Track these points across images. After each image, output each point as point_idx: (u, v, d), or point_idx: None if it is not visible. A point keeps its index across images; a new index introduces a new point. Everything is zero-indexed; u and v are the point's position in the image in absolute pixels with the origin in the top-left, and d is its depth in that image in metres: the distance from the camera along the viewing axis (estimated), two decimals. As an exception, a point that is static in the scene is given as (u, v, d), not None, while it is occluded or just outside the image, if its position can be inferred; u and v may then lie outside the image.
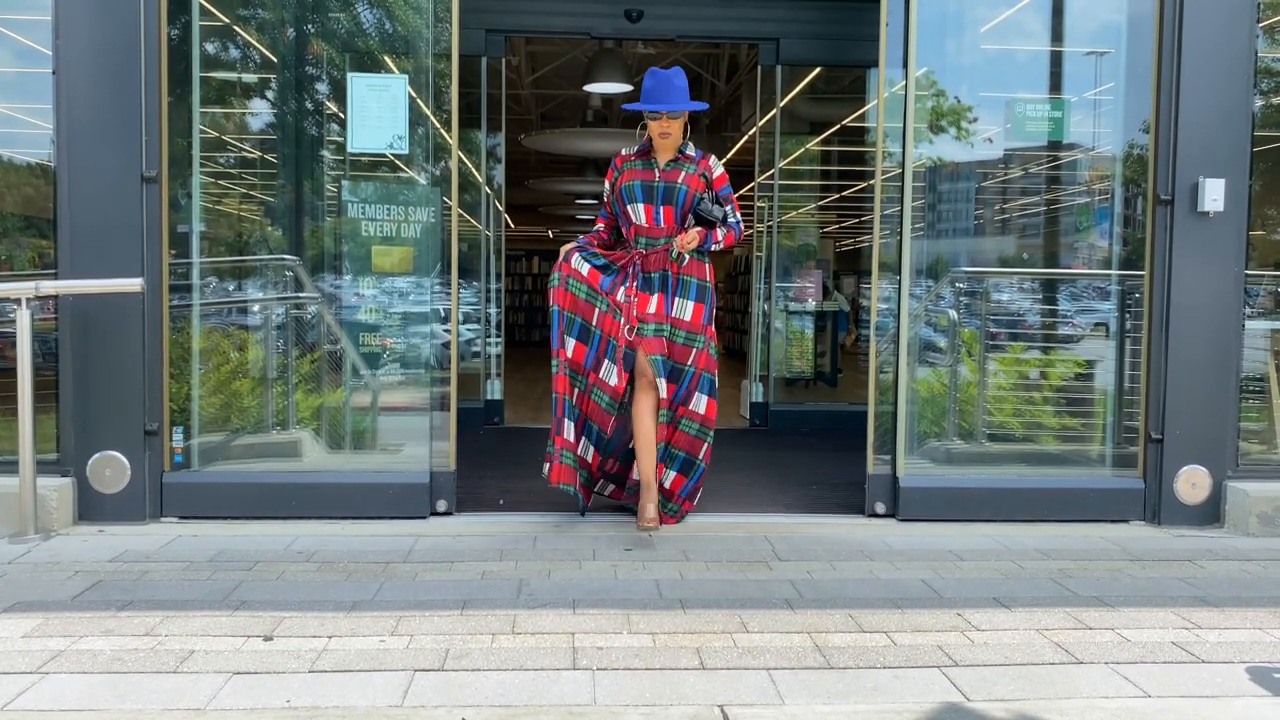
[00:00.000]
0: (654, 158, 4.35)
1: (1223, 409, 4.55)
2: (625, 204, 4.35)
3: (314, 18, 4.99)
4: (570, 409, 4.37)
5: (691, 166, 4.33)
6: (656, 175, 4.32)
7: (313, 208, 5.09)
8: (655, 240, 4.33)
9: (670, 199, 4.29)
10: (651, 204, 4.30)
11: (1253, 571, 3.88)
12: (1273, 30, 4.68)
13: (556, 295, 4.42)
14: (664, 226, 4.31)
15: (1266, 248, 5.09)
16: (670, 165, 4.33)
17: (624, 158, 4.43)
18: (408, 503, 4.45)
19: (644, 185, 4.31)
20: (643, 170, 4.35)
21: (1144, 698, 2.67)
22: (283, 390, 4.92)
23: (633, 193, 4.32)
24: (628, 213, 4.35)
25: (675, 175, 4.31)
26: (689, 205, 4.29)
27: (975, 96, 5.07)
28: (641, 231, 4.34)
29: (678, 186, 4.29)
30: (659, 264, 4.33)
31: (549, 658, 2.86)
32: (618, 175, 4.41)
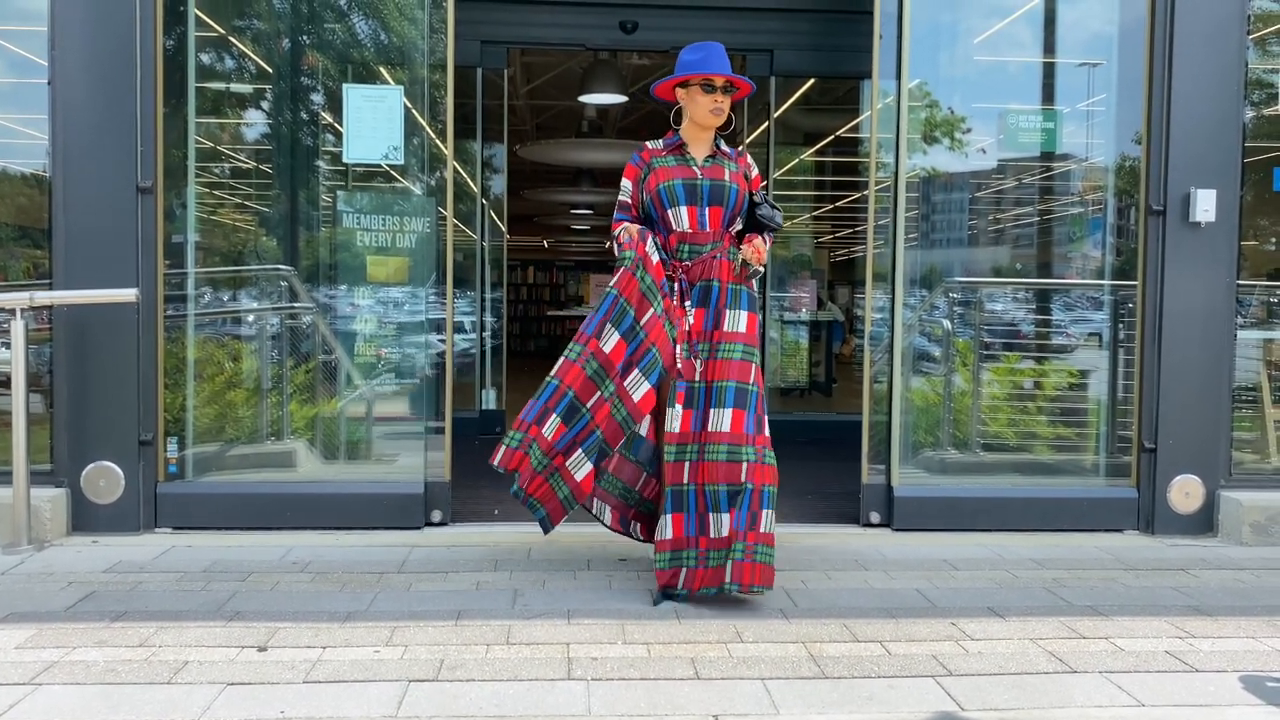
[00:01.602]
0: (688, 153, 3.72)
1: (1215, 418, 4.57)
2: (664, 207, 3.65)
3: (310, 29, 5.01)
4: (570, 408, 3.56)
5: (732, 164, 3.72)
6: (698, 173, 3.67)
7: (308, 218, 5.09)
8: (700, 248, 3.65)
9: (718, 199, 3.64)
10: (696, 205, 3.63)
11: (1246, 581, 3.89)
12: (1263, 42, 4.71)
13: (623, 279, 3.63)
14: (709, 231, 3.65)
15: (1258, 258, 5.12)
16: (709, 161, 3.70)
17: (652, 152, 3.77)
18: (402, 513, 4.45)
19: (686, 184, 3.65)
20: (680, 167, 3.69)
21: (1137, 707, 2.68)
22: (277, 400, 4.92)
23: (674, 194, 3.64)
24: (667, 217, 3.66)
25: (719, 172, 3.67)
26: (740, 207, 3.68)
27: (968, 107, 5.09)
28: (685, 238, 3.66)
29: (726, 185, 3.65)
30: (703, 273, 3.66)
31: (544, 668, 2.86)
32: (647, 173, 3.74)
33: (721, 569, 3.44)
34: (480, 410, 7.61)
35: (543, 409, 3.57)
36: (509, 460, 3.56)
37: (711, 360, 3.60)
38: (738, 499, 3.49)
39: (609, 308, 3.60)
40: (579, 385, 3.56)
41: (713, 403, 3.56)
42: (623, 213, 3.78)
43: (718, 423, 3.54)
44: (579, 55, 9.25)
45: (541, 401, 3.57)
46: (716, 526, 3.50)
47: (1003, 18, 5.04)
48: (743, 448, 3.51)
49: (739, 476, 3.50)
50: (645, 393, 3.59)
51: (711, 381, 3.59)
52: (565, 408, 3.55)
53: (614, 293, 3.60)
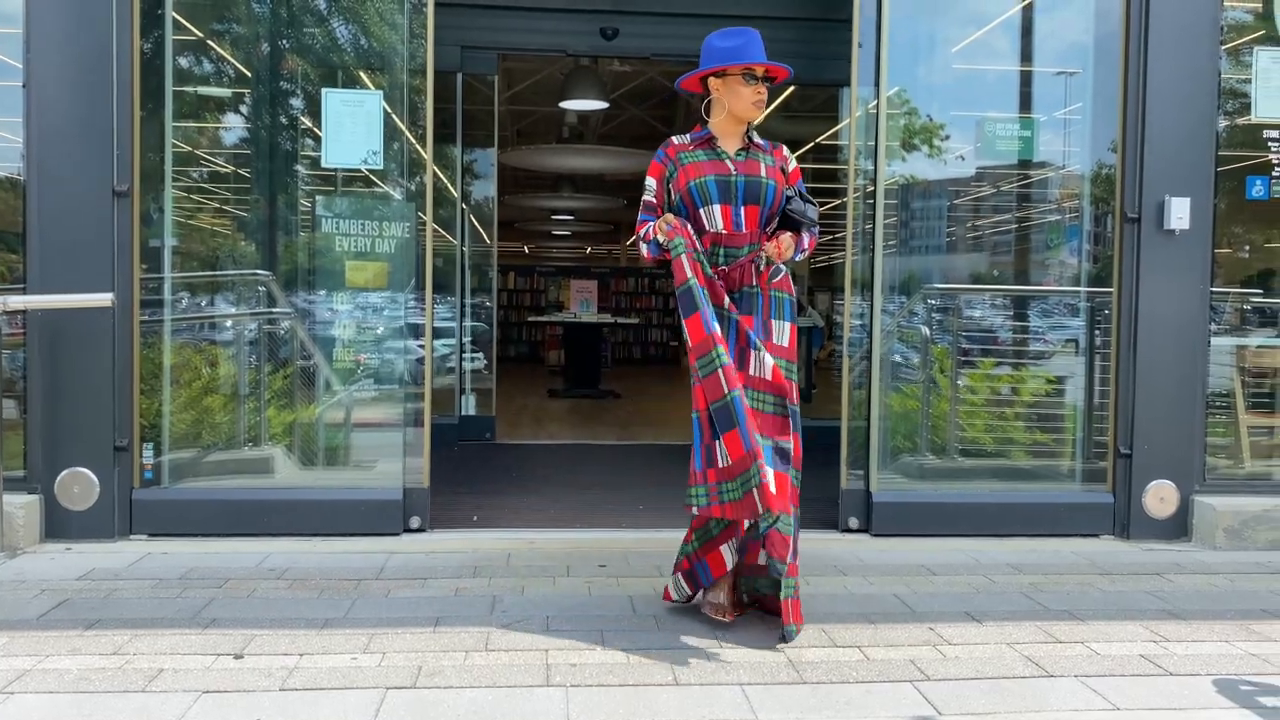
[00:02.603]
0: (719, 146, 3.39)
1: (1189, 424, 4.61)
2: (696, 206, 3.33)
3: (289, 33, 4.99)
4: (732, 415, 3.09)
5: (768, 157, 3.40)
6: (731, 168, 3.34)
7: (287, 222, 5.07)
8: (737, 250, 3.33)
9: (754, 197, 3.32)
10: (730, 204, 3.31)
11: (1219, 585, 3.92)
12: (1235, 52, 4.76)
13: (691, 267, 3.23)
14: (746, 232, 3.33)
15: (1232, 265, 5.17)
16: (742, 155, 3.38)
17: (679, 147, 3.44)
18: (381, 519, 4.43)
19: (719, 181, 3.32)
20: (711, 162, 3.35)
21: (1112, 710, 2.70)
22: (255, 406, 4.89)
23: (706, 191, 3.31)
24: (699, 217, 3.33)
25: (755, 167, 3.35)
26: (778, 205, 3.36)
27: (946, 115, 5.13)
28: (719, 240, 3.33)
29: (762, 181, 3.33)
30: (742, 279, 3.35)
31: (522, 675, 2.85)
32: (674, 169, 3.41)
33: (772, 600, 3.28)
34: (460, 416, 7.59)
35: (704, 447, 3.21)
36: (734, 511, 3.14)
37: (758, 375, 3.28)
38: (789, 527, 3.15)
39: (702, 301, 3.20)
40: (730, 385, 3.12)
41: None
42: (647, 214, 3.48)
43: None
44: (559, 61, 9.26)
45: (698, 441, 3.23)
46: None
47: (980, 26, 5.08)
48: (793, 471, 3.24)
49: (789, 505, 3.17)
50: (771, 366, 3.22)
51: (759, 395, 3.27)
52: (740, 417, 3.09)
53: (691, 283, 3.22)
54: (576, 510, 5.09)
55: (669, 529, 4.68)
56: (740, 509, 3.11)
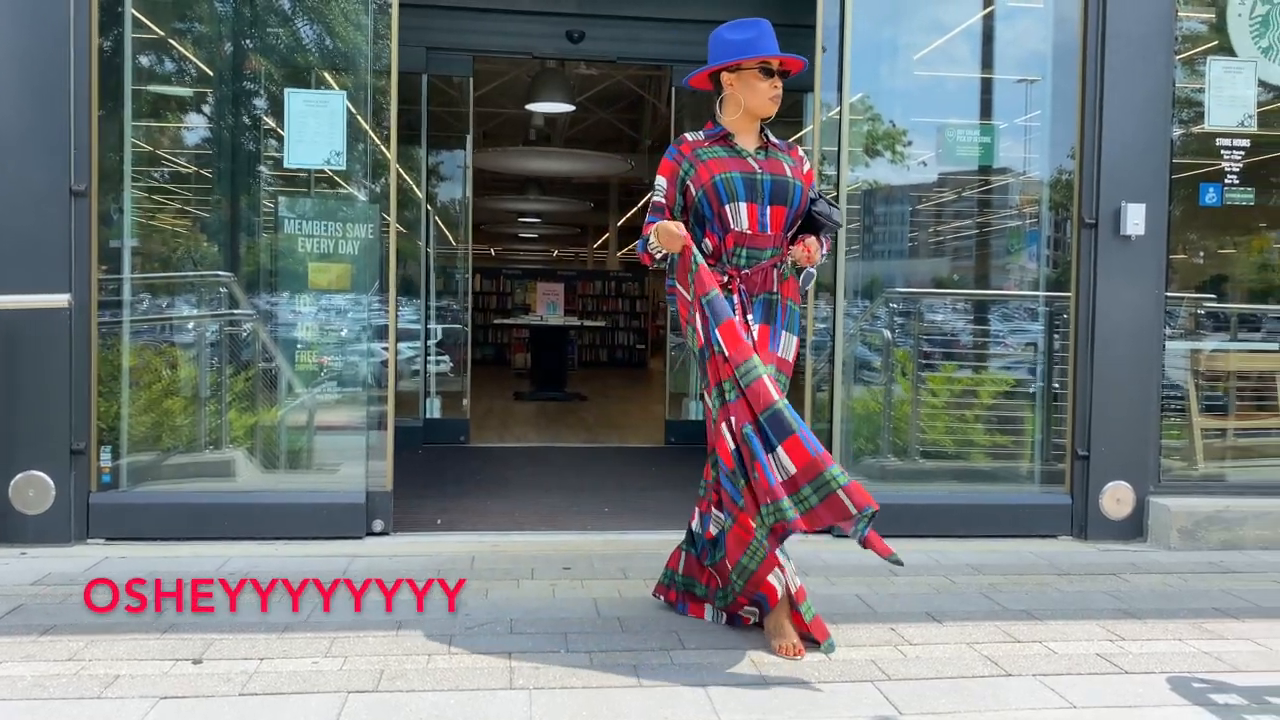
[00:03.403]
0: (737, 144, 3.22)
1: (1145, 427, 4.69)
2: (721, 203, 3.13)
3: (252, 32, 4.95)
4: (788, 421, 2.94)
5: (788, 158, 3.25)
6: (755, 166, 3.17)
7: (249, 223, 5.02)
8: (760, 252, 3.16)
9: (781, 197, 3.15)
10: (756, 203, 3.13)
11: (1173, 584, 4.00)
12: (1190, 62, 4.86)
13: (708, 279, 3.06)
14: (771, 234, 3.16)
15: (1186, 270, 5.27)
16: (762, 154, 3.22)
17: (694, 144, 3.23)
18: (343, 523, 4.40)
19: (745, 178, 3.13)
20: (733, 159, 3.17)
21: (1069, 709, 2.74)
22: (216, 409, 4.84)
23: (733, 188, 3.12)
24: (724, 214, 3.14)
25: (780, 167, 3.19)
26: (803, 207, 3.20)
27: (909, 121, 5.19)
28: (743, 241, 3.15)
29: (789, 182, 3.17)
30: (763, 284, 3.18)
31: (485, 677, 2.85)
32: (690, 167, 3.19)
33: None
34: (425, 419, 7.55)
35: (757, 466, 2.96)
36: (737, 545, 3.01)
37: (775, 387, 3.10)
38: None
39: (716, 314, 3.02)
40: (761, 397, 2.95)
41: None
42: (656, 214, 3.23)
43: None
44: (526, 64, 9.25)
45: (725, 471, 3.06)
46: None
47: (943, 34, 5.15)
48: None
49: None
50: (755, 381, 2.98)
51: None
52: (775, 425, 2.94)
53: (713, 294, 3.04)
54: (541, 513, 5.09)
55: (634, 531, 4.70)
56: (820, 516, 2.89)
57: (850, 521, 2.91)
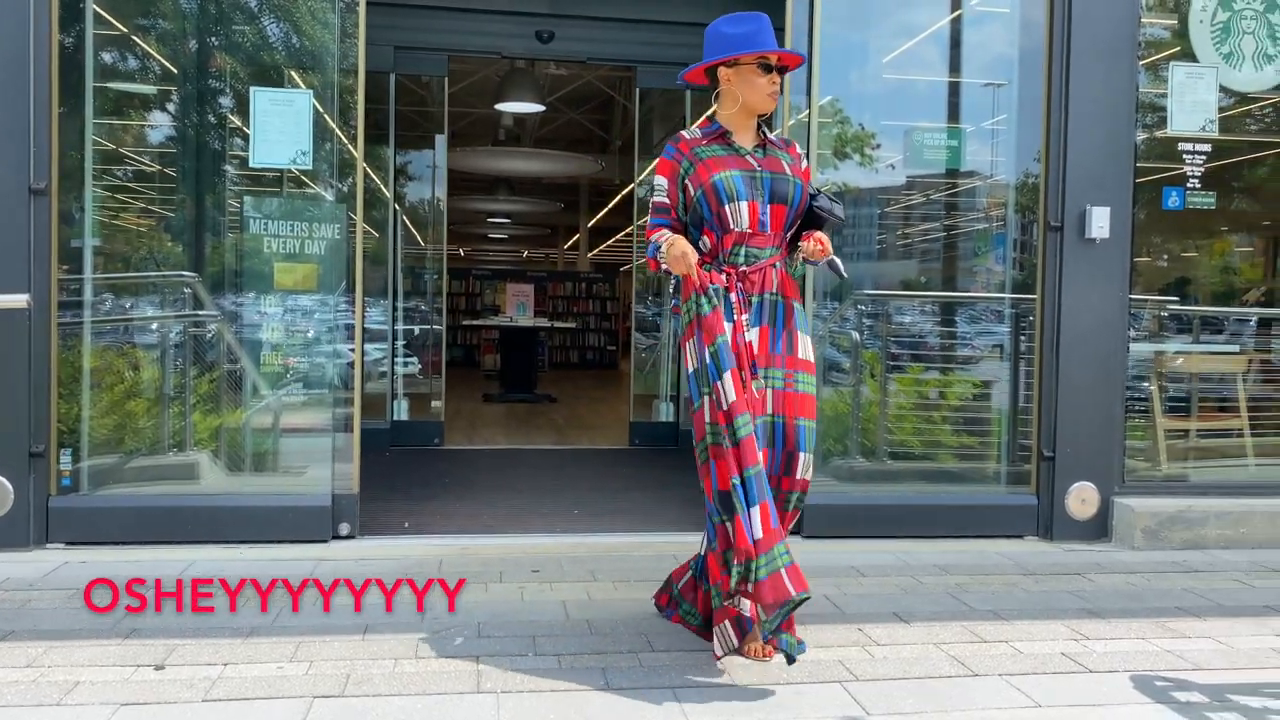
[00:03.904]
0: (734, 141, 3.14)
1: (1109, 428, 4.74)
2: (721, 203, 3.05)
3: (218, 29, 4.89)
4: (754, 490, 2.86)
5: (786, 155, 3.17)
6: (754, 164, 3.10)
7: (214, 223, 4.96)
8: (759, 252, 3.09)
9: (781, 196, 3.08)
10: (756, 202, 3.07)
11: (1137, 584, 4.04)
12: (1153, 67, 4.92)
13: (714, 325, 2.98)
14: (770, 234, 3.10)
15: (1150, 273, 5.34)
16: (760, 151, 3.15)
17: (691, 142, 3.15)
18: (309, 526, 4.35)
19: (745, 176, 3.07)
20: (732, 157, 3.10)
21: (1035, 708, 2.76)
22: (180, 411, 4.78)
23: (733, 187, 3.05)
24: (724, 215, 3.06)
25: (779, 165, 3.12)
26: (803, 206, 3.14)
27: (878, 125, 5.21)
28: (743, 240, 3.08)
29: (789, 179, 3.10)
30: (763, 285, 3.11)
31: (452, 681, 2.83)
32: (690, 166, 3.11)
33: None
34: (392, 421, 7.50)
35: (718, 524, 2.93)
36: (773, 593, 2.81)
37: (788, 392, 3.07)
38: None
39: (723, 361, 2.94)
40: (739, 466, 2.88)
41: (800, 445, 3.06)
42: (660, 216, 3.16)
43: (804, 469, 3.07)
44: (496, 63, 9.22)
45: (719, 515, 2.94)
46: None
47: (911, 37, 5.18)
48: (804, 495, 3.12)
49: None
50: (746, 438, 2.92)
51: (794, 419, 3.06)
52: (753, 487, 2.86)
53: (722, 343, 2.96)
54: (510, 515, 5.07)
55: (603, 533, 4.68)
56: (762, 592, 2.80)
57: (774, 608, 2.81)
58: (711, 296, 3.01)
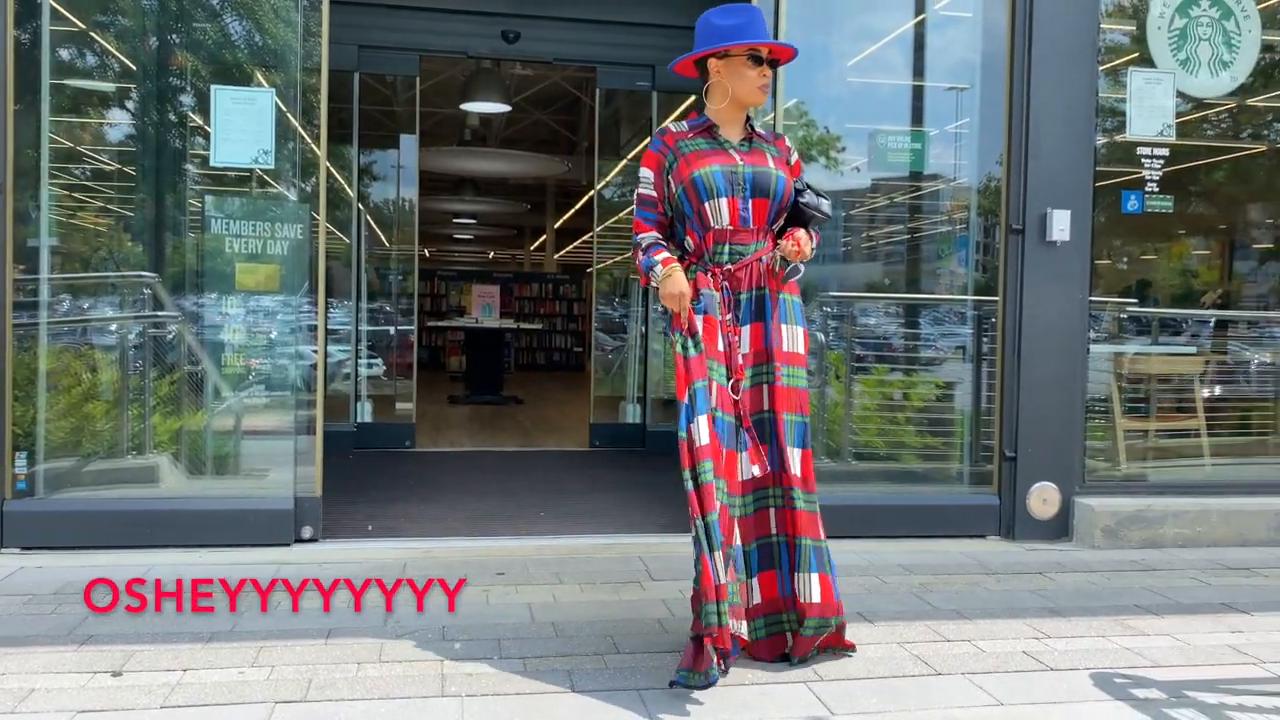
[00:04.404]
0: (721, 135, 3.10)
1: (1070, 428, 4.80)
2: (701, 200, 3.02)
3: (178, 26, 4.82)
4: (716, 534, 2.86)
5: (772, 149, 3.13)
6: (737, 158, 3.05)
7: (175, 223, 4.90)
8: (743, 248, 3.05)
9: (763, 190, 3.03)
10: (737, 197, 3.02)
11: (1097, 582, 4.09)
12: (1113, 72, 4.99)
13: (695, 369, 2.97)
14: (754, 228, 3.05)
15: (1110, 276, 5.41)
16: (746, 145, 3.10)
17: (677, 135, 3.11)
18: (271, 529, 4.30)
19: (725, 172, 3.02)
20: (715, 152, 3.06)
21: (997, 706, 2.79)
22: (139, 413, 4.71)
23: (713, 184, 3.01)
24: (704, 212, 3.03)
25: (762, 158, 3.07)
26: (787, 199, 3.08)
27: (842, 128, 5.24)
28: (724, 237, 3.05)
29: (771, 173, 3.05)
30: (752, 281, 3.08)
31: (416, 685, 2.81)
32: (673, 160, 3.08)
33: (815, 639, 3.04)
34: (356, 423, 7.44)
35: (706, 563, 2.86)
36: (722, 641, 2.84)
37: (776, 386, 3.05)
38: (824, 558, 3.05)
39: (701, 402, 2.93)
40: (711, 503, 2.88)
41: (787, 440, 3.04)
42: (646, 209, 3.13)
43: (795, 464, 3.04)
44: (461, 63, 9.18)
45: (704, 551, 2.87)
46: (807, 590, 3.00)
47: (875, 41, 5.21)
48: (814, 496, 3.08)
49: (817, 530, 3.04)
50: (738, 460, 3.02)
51: (781, 414, 3.04)
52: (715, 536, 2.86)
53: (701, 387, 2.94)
54: (475, 518, 5.04)
55: (569, 536, 4.67)
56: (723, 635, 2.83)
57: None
58: (699, 341, 2.99)
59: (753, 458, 3.04)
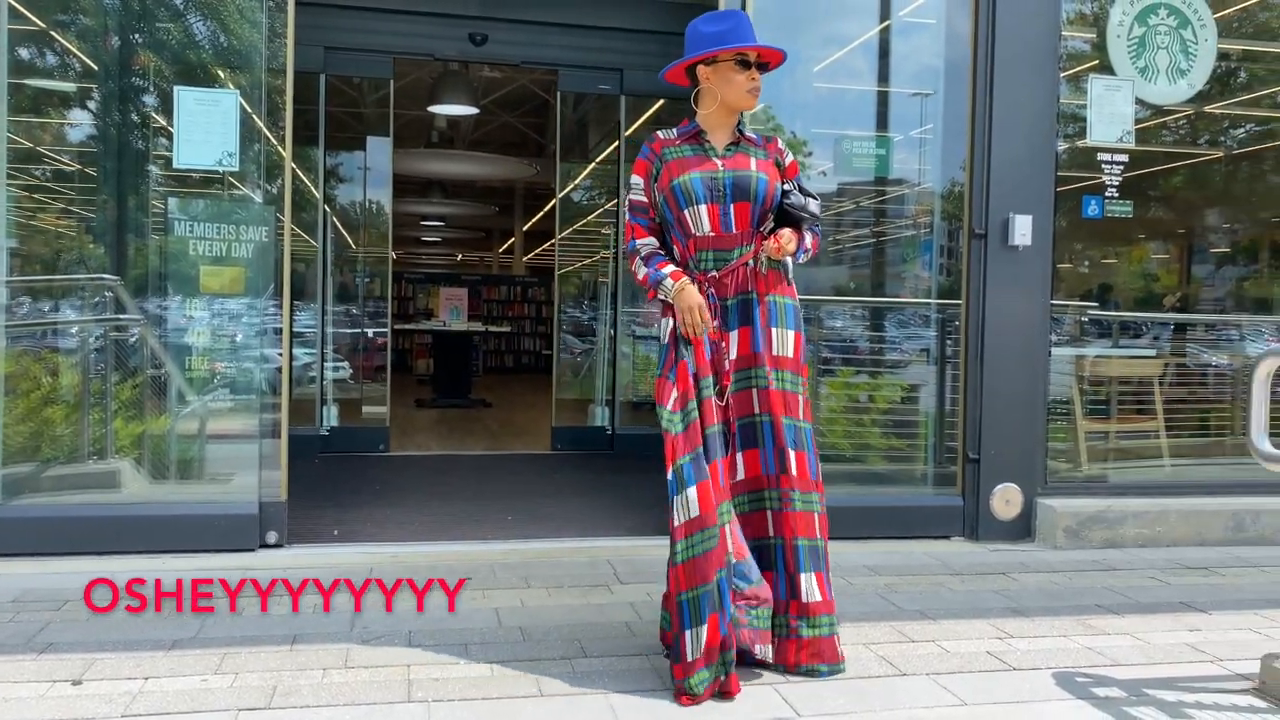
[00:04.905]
0: (708, 141, 3.12)
1: (1033, 430, 4.86)
2: (680, 207, 3.05)
3: (141, 26, 4.77)
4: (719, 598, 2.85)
5: (760, 151, 3.13)
6: (719, 165, 3.07)
7: (137, 225, 4.84)
8: (727, 253, 3.06)
9: (743, 193, 3.04)
10: (718, 204, 3.04)
11: (1059, 582, 4.15)
12: (1075, 79, 5.06)
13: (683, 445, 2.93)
14: (736, 233, 3.06)
15: (1072, 279, 5.49)
16: (731, 150, 3.11)
17: (663, 142, 3.13)
18: (235, 535, 4.26)
19: (705, 179, 3.04)
20: (697, 158, 3.08)
21: (961, 706, 2.82)
22: (100, 418, 4.65)
23: (691, 191, 3.04)
24: (684, 220, 3.06)
25: (744, 162, 3.08)
26: (770, 200, 3.07)
27: (809, 133, 5.27)
28: (706, 244, 3.06)
29: (752, 175, 3.06)
30: (737, 286, 3.08)
31: (382, 691, 2.79)
32: (659, 166, 3.11)
33: (816, 641, 3.04)
34: (330, 428, 7.39)
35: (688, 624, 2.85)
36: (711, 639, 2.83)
37: (771, 390, 3.05)
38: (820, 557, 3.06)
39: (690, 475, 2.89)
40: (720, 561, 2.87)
41: (789, 442, 3.05)
42: (638, 215, 3.15)
43: (799, 465, 3.05)
44: (428, 66, 9.14)
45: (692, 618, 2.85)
46: (808, 589, 3.03)
47: (841, 47, 5.25)
48: (813, 495, 3.08)
49: (814, 530, 3.06)
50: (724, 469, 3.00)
51: (780, 416, 3.05)
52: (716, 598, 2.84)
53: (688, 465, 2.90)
54: (442, 522, 5.02)
55: (537, 540, 4.67)
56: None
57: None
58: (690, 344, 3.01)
59: (735, 460, 3.04)
